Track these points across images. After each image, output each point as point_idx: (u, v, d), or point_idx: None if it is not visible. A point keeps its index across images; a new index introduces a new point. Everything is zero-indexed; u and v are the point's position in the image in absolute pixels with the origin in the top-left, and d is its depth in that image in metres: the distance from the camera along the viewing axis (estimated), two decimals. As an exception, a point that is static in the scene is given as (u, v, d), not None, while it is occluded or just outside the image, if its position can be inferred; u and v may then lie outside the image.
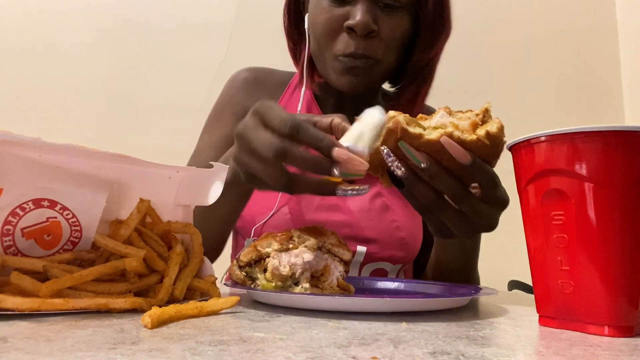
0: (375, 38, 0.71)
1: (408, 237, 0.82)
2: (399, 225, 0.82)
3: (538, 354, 0.31)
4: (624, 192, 0.35)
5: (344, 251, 0.52)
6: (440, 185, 0.47)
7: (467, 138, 0.44)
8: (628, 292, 0.36)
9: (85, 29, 1.60)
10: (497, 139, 0.44)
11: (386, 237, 0.80)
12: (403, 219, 0.82)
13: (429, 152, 0.46)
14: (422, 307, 0.45)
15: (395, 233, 0.81)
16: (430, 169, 0.46)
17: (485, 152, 0.45)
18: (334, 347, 0.30)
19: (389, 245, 0.80)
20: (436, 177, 0.46)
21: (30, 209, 0.43)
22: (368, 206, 0.81)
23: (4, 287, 0.39)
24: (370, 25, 0.69)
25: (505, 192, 0.49)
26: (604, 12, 1.82)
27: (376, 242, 0.80)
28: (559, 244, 0.38)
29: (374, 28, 0.70)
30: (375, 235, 0.80)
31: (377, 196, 0.82)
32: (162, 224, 0.50)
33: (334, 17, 0.71)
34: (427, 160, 0.46)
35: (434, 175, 0.46)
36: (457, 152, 0.44)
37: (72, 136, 1.51)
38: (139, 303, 0.40)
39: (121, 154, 0.45)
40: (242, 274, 0.51)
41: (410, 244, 0.82)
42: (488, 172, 0.46)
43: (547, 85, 1.75)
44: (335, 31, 0.72)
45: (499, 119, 0.45)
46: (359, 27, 0.69)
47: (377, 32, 0.71)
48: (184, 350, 0.28)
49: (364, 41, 0.70)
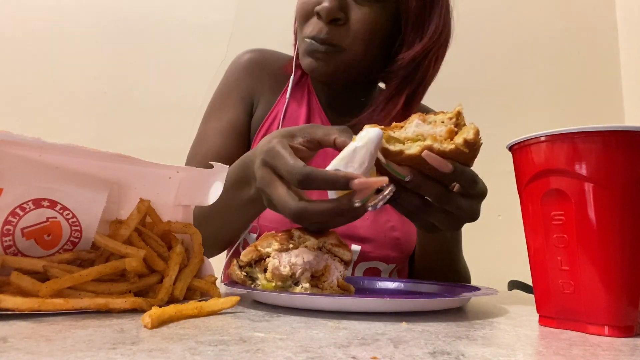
0: (341, 26, 0.71)
1: (402, 237, 0.82)
2: (394, 225, 0.82)
3: (538, 354, 0.31)
4: (624, 192, 0.35)
5: (344, 251, 0.52)
6: (425, 192, 0.49)
7: (446, 148, 0.46)
8: (628, 292, 0.36)
9: (86, 29, 1.60)
10: (475, 144, 0.45)
11: (380, 236, 0.81)
12: (397, 219, 0.82)
13: (411, 165, 0.47)
14: (422, 307, 0.45)
15: (390, 233, 0.81)
16: (414, 181, 0.47)
17: (464, 157, 0.47)
18: (334, 347, 0.30)
19: (383, 244, 0.81)
20: (420, 187, 0.48)
21: (30, 209, 0.43)
22: None
23: (4, 287, 0.39)
24: (334, 11, 0.70)
25: (483, 183, 0.51)
26: (604, 12, 1.82)
27: (370, 241, 0.80)
28: (559, 244, 0.38)
29: (338, 16, 0.70)
30: (369, 235, 0.80)
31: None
32: (162, 224, 0.50)
33: (308, 1, 0.73)
34: (410, 173, 0.47)
35: (419, 185, 0.48)
36: (438, 163, 0.45)
37: (72, 136, 1.51)
38: (139, 303, 0.40)
39: (121, 154, 0.45)
40: (242, 274, 0.51)
41: (404, 244, 0.83)
42: (468, 174, 0.48)
43: (547, 85, 1.75)
44: (307, 15, 0.74)
45: (473, 124, 0.46)
46: (323, 12, 0.70)
47: (345, 21, 0.71)
48: (184, 350, 0.28)
49: (328, 27, 0.71)
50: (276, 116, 0.85)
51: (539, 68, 1.76)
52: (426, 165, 0.46)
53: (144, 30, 1.63)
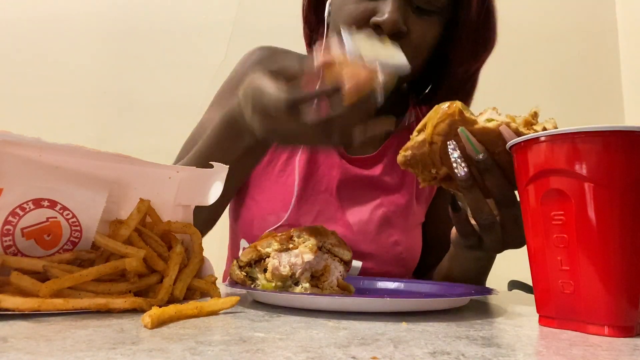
0: (402, 40, 0.65)
1: (406, 252, 0.79)
2: (397, 240, 0.79)
3: (538, 354, 0.31)
4: (624, 192, 0.35)
5: (344, 251, 0.52)
6: (492, 181, 0.45)
7: (524, 132, 0.44)
8: (628, 292, 0.36)
9: (86, 29, 1.60)
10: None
11: (383, 252, 0.78)
12: (402, 232, 0.80)
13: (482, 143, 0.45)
14: (422, 307, 0.45)
15: (393, 248, 0.78)
16: (485, 162, 0.44)
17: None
18: (334, 347, 0.30)
19: (385, 261, 0.78)
20: (489, 172, 0.45)
21: (30, 209, 0.43)
22: (367, 218, 0.78)
23: (4, 287, 0.39)
24: (400, 24, 0.64)
25: None
26: (604, 12, 1.82)
27: (372, 257, 0.77)
28: (559, 244, 0.38)
29: (402, 29, 0.64)
30: (371, 250, 0.77)
31: (379, 207, 0.79)
32: (162, 224, 0.50)
33: (360, 9, 0.66)
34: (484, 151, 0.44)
35: (488, 169, 0.45)
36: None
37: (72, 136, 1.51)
38: (139, 303, 0.40)
39: (121, 154, 0.45)
40: (242, 274, 0.51)
41: (407, 260, 0.80)
42: None
43: (547, 85, 1.75)
44: (359, 25, 0.66)
45: (554, 119, 0.44)
46: (387, 25, 0.63)
47: (405, 34, 0.65)
48: (184, 350, 0.28)
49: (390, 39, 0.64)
50: None
51: (539, 68, 1.76)
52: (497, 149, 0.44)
53: (144, 30, 1.63)
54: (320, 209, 0.78)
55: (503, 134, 0.43)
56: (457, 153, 0.46)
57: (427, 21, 0.67)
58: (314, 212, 0.78)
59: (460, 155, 0.46)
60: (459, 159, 0.46)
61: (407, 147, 0.51)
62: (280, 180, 0.79)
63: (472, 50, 0.71)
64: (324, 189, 0.79)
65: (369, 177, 0.80)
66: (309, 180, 0.79)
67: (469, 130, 0.45)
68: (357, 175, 0.80)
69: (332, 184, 0.79)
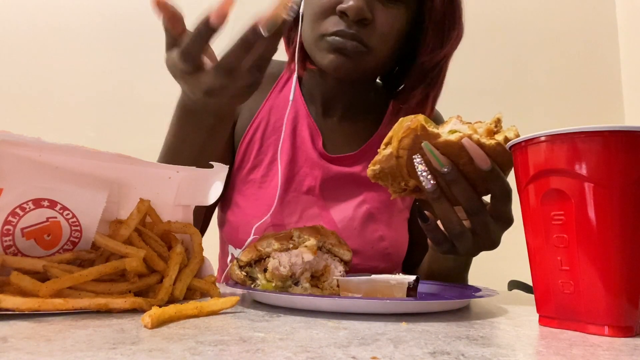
0: (368, 27, 0.68)
1: (391, 247, 0.80)
2: (382, 235, 0.79)
3: (538, 354, 0.31)
4: (624, 192, 0.35)
5: (344, 251, 0.52)
6: (458, 192, 0.46)
7: (485, 142, 0.44)
8: (628, 292, 0.36)
9: (85, 28, 1.60)
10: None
11: (368, 248, 0.79)
12: (387, 227, 0.80)
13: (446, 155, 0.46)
14: (422, 308, 0.45)
15: (378, 244, 0.79)
16: (451, 173, 0.45)
17: (501, 160, 0.45)
18: (334, 347, 0.30)
19: (371, 257, 0.79)
20: (456, 183, 0.45)
21: (30, 209, 0.43)
22: (351, 214, 0.79)
23: (4, 287, 0.39)
24: (364, 11, 0.66)
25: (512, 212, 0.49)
26: (604, 12, 1.83)
27: (358, 253, 0.77)
28: (559, 244, 0.38)
29: (368, 16, 0.67)
30: (357, 246, 0.77)
31: (362, 204, 0.80)
32: (162, 224, 0.50)
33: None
34: (449, 164, 0.45)
35: (454, 180, 0.45)
36: (478, 154, 0.43)
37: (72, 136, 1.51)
38: (139, 303, 0.40)
39: (121, 154, 0.45)
40: (242, 274, 0.51)
41: (393, 254, 0.80)
42: (504, 181, 0.46)
43: (547, 85, 1.75)
44: (326, 13, 0.69)
45: (515, 127, 0.45)
46: (352, 12, 0.65)
47: (371, 21, 0.68)
48: (184, 350, 0.28)
49: (356, 26, 0.67)
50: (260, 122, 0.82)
51: (539, 68, 1.76)
52: (461, 160, 0.44)
53: (145, 30, 1.63)
54: (304, 208, 0.79)
55: (466, 147, 0.44)
56: (422, 166, 0.46)
57: (392, 9, 0.69)
58: (297, 211, 0.78)
59: (426, 168, 0.46)
60: (425, 172, 0.46)
61: (375, 162, 0.52)
62: (263, 184, 0.79)
63: (438, 38, 0.73)
64: (307, 189, 0.79)
65: (351, 175, 0.81)
66: (291, 182, 0.79)
67: (432, 144, 0.45)
68: (339, 173, 0.81)
69: (314, 183, 0.80)
